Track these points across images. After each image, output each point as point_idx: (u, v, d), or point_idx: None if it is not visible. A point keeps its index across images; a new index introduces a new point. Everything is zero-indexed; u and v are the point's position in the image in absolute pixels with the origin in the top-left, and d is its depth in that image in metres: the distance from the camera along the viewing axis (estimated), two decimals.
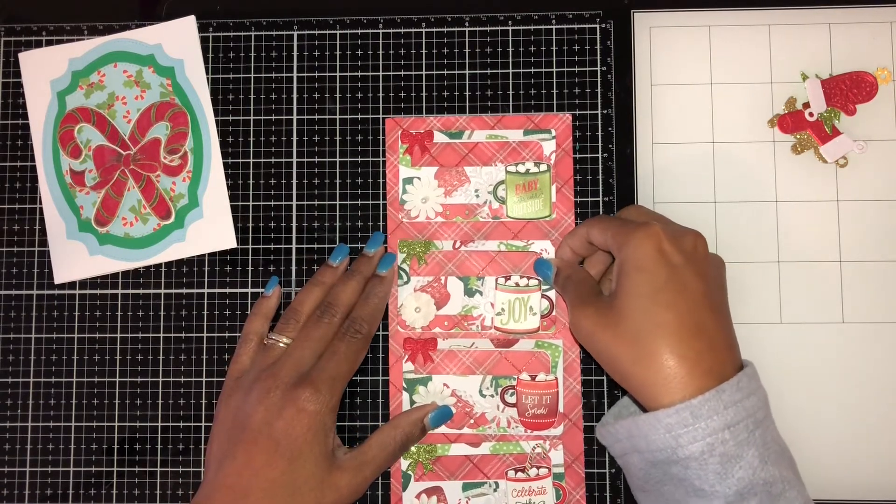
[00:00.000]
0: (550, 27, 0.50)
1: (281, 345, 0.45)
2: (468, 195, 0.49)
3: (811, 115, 0.48)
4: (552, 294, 0.48)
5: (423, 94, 0.50)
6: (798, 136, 0.48)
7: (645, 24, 0.50)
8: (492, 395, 0.47)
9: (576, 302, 0.43)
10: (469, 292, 0.48)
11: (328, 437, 0.43)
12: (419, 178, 0.49)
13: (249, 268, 0.49)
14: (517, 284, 0.48)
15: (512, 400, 0.47)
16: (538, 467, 0.47)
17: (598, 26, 0.50)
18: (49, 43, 0.51)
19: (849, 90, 0.48)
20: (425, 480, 0.47)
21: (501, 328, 0.48)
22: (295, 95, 0.50)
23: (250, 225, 0.50)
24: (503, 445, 0.47)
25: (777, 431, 0.40)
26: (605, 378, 0.48)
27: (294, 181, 0.50)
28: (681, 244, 0.40)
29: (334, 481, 0.43)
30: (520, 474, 0.47)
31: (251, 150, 0.50)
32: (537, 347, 0.47)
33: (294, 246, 0.50)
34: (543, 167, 0.48)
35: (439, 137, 0.49)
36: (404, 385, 0.48)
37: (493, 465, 0.47)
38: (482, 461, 0.47)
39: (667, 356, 0.38)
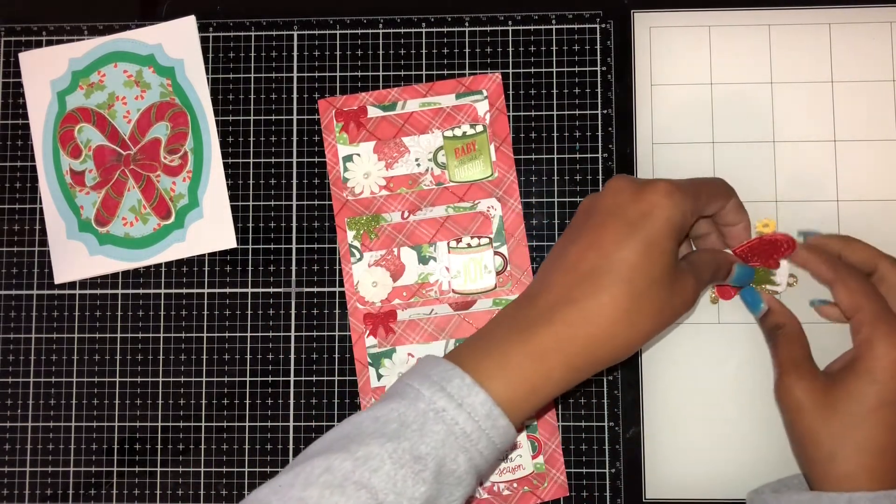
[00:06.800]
0: (550, 27, 0.50)
1: None
2: (409, 165, 0.49)
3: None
4: (504, 250, 0.48)
5: None
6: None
7: (645, 24, 0.50)
8: None
9: (789, 366, 0.42)
10: (423, 260, 0.48)
11: (678, 243, 0.38)
12: (358, 155, 0.49)
13: (249, 268, 0.49)
14: (469, 245, 0.48)
15: None
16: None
17: (598, 26, 0.50)
18: (49, 43, 0.51)
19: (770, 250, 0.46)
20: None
21: (459, 290, 0.48)
22: (295, 95, 0.50)
23: (250, 225, 0.50)
24: None
25: None
26: None
27: (294, 181, 0.50)
28: None
29: (681, 285, 0.38)
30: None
31: (251, 150, 0.50)
32: (495, 305, 0.48)
33: (294, 246, 0.50)
34: (479, 128, 0.49)
35: (373, 112, 0.49)
36: (369, 360, 0.48)
37: None
38: None
39: (863, 462, 0.38)
